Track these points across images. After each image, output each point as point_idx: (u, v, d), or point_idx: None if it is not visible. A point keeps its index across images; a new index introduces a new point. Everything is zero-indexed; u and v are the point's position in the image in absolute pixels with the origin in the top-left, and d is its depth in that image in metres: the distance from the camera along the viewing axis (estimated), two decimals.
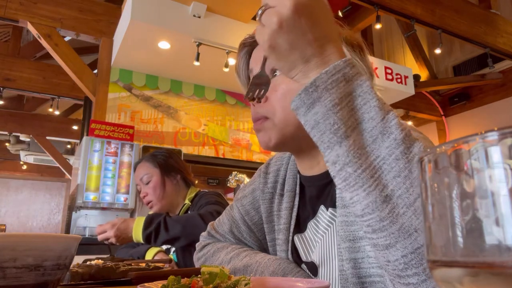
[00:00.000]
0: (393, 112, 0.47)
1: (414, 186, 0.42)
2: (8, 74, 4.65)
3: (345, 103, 0.46)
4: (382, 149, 0.44)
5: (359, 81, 0.47)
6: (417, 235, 0.41)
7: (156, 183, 1.66)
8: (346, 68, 0.47)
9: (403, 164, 0.44)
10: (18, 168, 9.17)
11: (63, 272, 0.51)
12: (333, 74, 0.47)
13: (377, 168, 0.44)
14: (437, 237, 0.21)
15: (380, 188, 0.43)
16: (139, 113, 4.10)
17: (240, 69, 0.81)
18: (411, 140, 0.45)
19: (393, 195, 0.43)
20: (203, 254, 0.89)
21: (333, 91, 0.46)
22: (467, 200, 0.19)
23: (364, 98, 0.47)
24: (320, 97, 0.46)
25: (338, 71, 0.47)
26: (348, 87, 0.47)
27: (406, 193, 0.42)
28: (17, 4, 3.62)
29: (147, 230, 1.41)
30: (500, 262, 0.17)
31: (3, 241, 0.44)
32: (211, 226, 0.93)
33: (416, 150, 0.45)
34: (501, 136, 0.18)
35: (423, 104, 6.17)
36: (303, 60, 0.49)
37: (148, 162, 1.72)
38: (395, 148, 0.44)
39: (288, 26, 0.47)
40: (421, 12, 4.28)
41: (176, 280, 0.48)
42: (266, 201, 0.83)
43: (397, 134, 0.45)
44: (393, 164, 0.44)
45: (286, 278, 0.61)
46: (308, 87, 0.47)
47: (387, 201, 0.43)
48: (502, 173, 0.18)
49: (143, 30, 3.36)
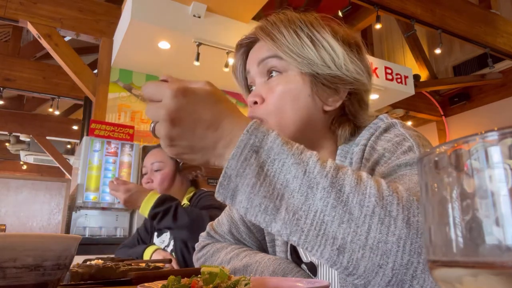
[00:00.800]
0: (311, 156, 0.46)
1: (359, 225, 0.42)
2: (8, 74, 4.65)
3: (263, 177, 0.44)
4: (316, 203, 0.43)
5: (269, 144, 0.45)
6: (383, 270, 0.41)
7: (166, 175, 1.65)
8: (250, 138, 0.45)
9: (341, 208, 0.42)
10: (18, 168, 9.17)
11: (63, 272, 0.51)
12: (240, 154, 0.45)
13: (320, 224, 0.42)
14: (437, 237, 0.21)
15: (330, 242, 0.42)
16: (139, 113, 4.10)
17: (237, 70, 0.80)
18: (339, 179, 0.44)
19: (345, 244, 0.42)
20: (202, 254, 0.89)
21: (247, 173, 0.44)
22: (467, 200, 0.19)
23: (280, 159, 0.45)
24: (237, 186, 0.45)
25: (244, 147, 0.45)
26: (259, 158, 0.45)
27: (356, 236, 0.42)
28: (17, 4, 3.62)
29: (156, 209, 1.41)
30: (500, 262, 0.17)
31: (3, 241, 0.45)
32: (210, 227, 0.93)
33: (348, 188, 0.43)
34: (501, 136, 0.18)
35: (423, 104, 6.17)
36: (210, 149, 0.48)
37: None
38: (328, 197, 0.43)
39: (173, 136, 0.47)
40: (421, 12, 4.28)
41: (176, 280, 0.48)
42: None
43: (324, 181, 0.43)
44: (332, 213, 0.42)
45: (286, 278, 0.61)
46: (222, 181, 0.45)
47: (342, 251, 0.42)
48: (502, 173, 0.18)
49: (143, 30, 3.36)
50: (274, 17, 0.72)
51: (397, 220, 0.42)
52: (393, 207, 0.42)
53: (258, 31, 0.72)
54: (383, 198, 0.43)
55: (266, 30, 0.71)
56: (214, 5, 3.47)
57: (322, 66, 0.68)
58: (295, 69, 0.69)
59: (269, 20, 0.72)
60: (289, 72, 0.69)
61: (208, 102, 0.48)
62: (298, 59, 0.67)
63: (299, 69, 0.68)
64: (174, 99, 0.45)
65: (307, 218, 0.43)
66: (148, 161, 1.69)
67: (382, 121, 0.70)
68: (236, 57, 0.79)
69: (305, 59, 0.67)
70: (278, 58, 0.69)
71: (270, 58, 0.70)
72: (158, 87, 0.47)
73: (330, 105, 0.70)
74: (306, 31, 0.69)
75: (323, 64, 0.68)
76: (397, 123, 0.68)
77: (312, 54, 0.67)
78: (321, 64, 0.68)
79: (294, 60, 0.67)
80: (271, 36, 0.69)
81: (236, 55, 0.79)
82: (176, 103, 0.46)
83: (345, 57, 0.69)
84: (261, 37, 0.71)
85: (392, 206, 0.42)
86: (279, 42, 0.68)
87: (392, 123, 0.68)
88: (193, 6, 3.42)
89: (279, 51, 0.68)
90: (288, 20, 0.71)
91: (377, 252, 0.41)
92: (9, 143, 7.31)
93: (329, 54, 0.68)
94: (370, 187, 0.44)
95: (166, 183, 1.64)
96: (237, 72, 0.80)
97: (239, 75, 0.80)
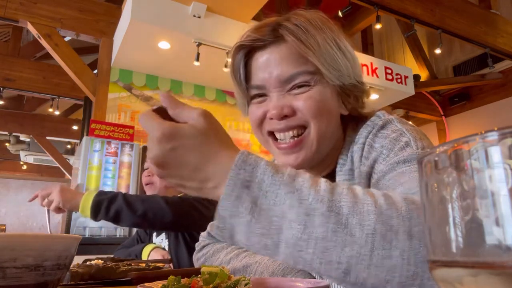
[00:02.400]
0: (304, 182, 0.44)
1: (362, 245, 0.41)
2: (8, 74, 4.65)
3: (258, 213, 0.43)
4: (316, 230, 0.42)
5: (260, 176, 0.44)
6: (391, 284, 0.41)
7: None
8: (239, 173, 0.44)
9: (341, 231, 0.41)
10: (18, 168, 9.17)
11: (63, 272, 0.51)
12: (231, 192, 0.43)
13: (322, 251, 0.42)
14: (437, 237, 0.21)
15: (335, 267, 0.42)
16: (139, 113, 4.09)
17: (238, 73, 0.72)
18: (335, 202, 0.43)
19: (350, 267, 0.42)
20: (202, 254, 0.89)
21: (240, 211, 0.43)
22: (467, 200, 0.19)
23: (273, 191, 0.43)
24: (233, 226, 0.44)
25: (235, 185, 0.43)
26: (252, 192, 0.43)
27: (360, 257, 0.41)
28: (17, 4, 3.62)
29: (100, 196, 1.28)
30: (500, 262, 0.17)
31: (3, 241, 0.44)
32: (211, 226, 0.93)
33: (345, 209, 0.42)
34: (501, 136, 0.18)
35: (423, 104, 6.17)
36: (199, 188, 0.47)
37: None
38: (327, 222, 0.42)
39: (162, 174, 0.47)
40: (421, 12, 4.28)
41: (176, 280, 0.48)
42: None
43: (321, 207, 0.42)
44: (334, 238, 0.41)
45: (286, 278, 0.61)
46: (218, 224, 0.45)
47: (348, 273, 0.42)
48: (502, 173, 0.18)
49: (143, 30, 3.36)
50: (299, 21, 0.66)
51: (399, 233, 0.41)
52: (393, 221, 0.42)
53: (288, 35, 0.65)
54: (382, 213, 0.42)
55: (300, 37, 0.65)
56: (214, 5, 3.47)
57: (347, 77, 0.68)
58: (324, 82, 0.67)
59: (297, 25, 0.66)
60: (318, 85, 0.67)
61: (195, 144, 0.46)
62: (333, 72, 0.66)
63: (331, 81, 0.67)
64: (159, 145, 0.45)
65: (308, 247, 0.42)
66: None
67: (379, 118, 0.70)
68: (236, 59, 0.71)
69: (336, 70, 0.66)
70: (311, 73, 0.66)
71: (302, 74, 0.66)
72: (149, 123, 0.47)
73: (346, 109, 0.72)
74: (333, 38, 0.67)
75: (347, 74, 0.68)
76: (394, 119, 0.69)
77: (341, 65, 0.66)
78: (347, 75, 0.68)
79: (328, 72, 0.65)
80: (308, 45, 0.64)
81: (236, 57, 0.71)
82: (161, 149, 0.45)
83: (357, 63, 0.70)
84: (292, 44, 0.66)
85: (392, 220, 0.42)
86: (318, 54, 0.65)
87: (389, 119, 0.69)
88: (193, 6, 3.42)
89: (318, 63, 0.65)
90: (315, 25, 0.66)
91: (383, 269, 0.41)
92: (9, 143, 7.31)
93: (350, 63, 0.68)
94: (368, 204, 0.43)
95: None
96: (238, 76, 0.71)
97: (242, 80, 0.71)
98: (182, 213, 1.36)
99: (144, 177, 1.67)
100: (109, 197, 1.29)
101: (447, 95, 6.32)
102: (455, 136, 6.01)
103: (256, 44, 0.68)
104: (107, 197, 1.30)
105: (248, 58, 0.71)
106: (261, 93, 0.70)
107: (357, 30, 4.98)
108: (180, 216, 1.35)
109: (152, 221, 1.35)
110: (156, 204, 1.33)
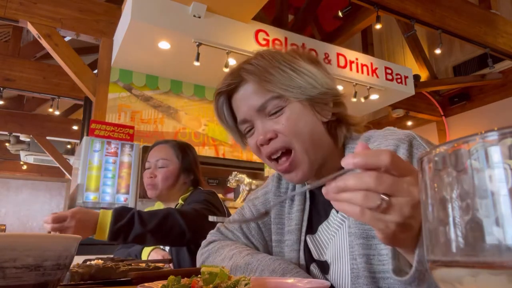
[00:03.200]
0: None
1: None
2: (8, 74, 4.65)
3: None
4: None
5: None
6: None
7: (170, 173, 1.61)
8: None
9: None
10: (18, 168, 9.17)
11: (63, 272, 0.51)
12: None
13: None
14: (437, 237, 0.21)
15: None
16: (139, 113, 4.09)
17: (224, 116, 0.84)
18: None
19: None
20: (207, 249, 0.93)
21: None
22: (467, 200, 0.19)
23: None
24: None
25: None
26: None
27: None
28: (17, 4, 3.62)
29: (118, 224, 1.19)
30: (500, 262, 0.17)
31: (3, 241, 0.44)
32: (222, 224, 1.00)
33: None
34: (501, 136, 0.18)
35: (423, 104, 6.17)
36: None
37: (173, 150, 1.66)
38: None
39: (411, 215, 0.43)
40: (421, 12, 4.28)
41: (176, 280, 0.48)
42: (278, 203, 0.90)
43: None
44: None
45: (286, 278, 0.62)
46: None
47: None
48: (502, 173, 0.18)
49: (143, 30, 3.36)
50: (255, 60, 0.78)
51: None
52: None
53: (247, 75, 0.77)
54: None
55: (256, 74, 0.76)
56: (214, 5, 3.47)
57: (311, 89, 0.76)
58: (292, 100, 0.76)
59: (252, 64, 0.78)
60: (289, 104, 0.76)
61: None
62: (294, 91, 0.75)
63: (296, 98, 0.76)
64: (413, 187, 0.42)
65: None
66: (153, 157, 1.65)
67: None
68: (218, 104, 0.83)
69: (297, 88, 0.76)
70: (276, 97, 0.76)
71: (270, 100, 0.76)
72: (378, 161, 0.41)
73: (326, 116, 0.79)
74: (286, 64, 0.77)
75: (311, 87, 0.76)
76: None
77: (300, 82, 0.76)
78: (310, 88, 0.76)
79: (290, 93, 0.75)
80: (263, 78, 0.76)
81: (218, 102, 0.83)
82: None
83: (320, 74, 0.78)
84: (252, 81, 0.77)
85: None
86: (274, 82, 0.75)
87: None
88: (193, 6, 3.42)
89: (277, 89, 0.75)
90: (268, 60, 0.78)
91: None
92: (9, 143, 7.30)
93: (310, 77, 0.77)
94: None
95: (170, 180, 1.61)
96: (223, 117, 0.84)
97: (229, 120, 0.84)
98: (197, 229, 1.32)
99: (146, 178, 1.63)
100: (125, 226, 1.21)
101: (447, 95, 6.31)
102: (455, 136, 6.00)
103: (230, 88, 0.81)
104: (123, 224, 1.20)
105: (230, 101, 0.83)
106: (249, 126, 0.81)
107: (357, 30, 4.98)
108: (195, 232, 1.31)
109: (171, 243, 1.41)
110: (175, 224, 1.29)
